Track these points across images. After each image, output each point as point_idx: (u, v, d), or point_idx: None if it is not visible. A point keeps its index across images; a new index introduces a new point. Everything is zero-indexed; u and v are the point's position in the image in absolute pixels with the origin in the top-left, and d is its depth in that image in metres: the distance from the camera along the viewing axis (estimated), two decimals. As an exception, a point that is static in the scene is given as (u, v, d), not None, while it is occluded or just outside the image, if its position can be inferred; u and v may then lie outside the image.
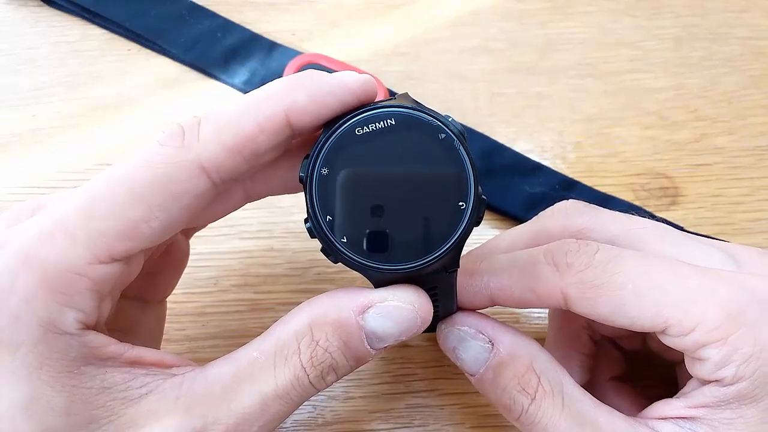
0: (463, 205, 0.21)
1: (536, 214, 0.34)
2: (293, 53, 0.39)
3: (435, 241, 0.21)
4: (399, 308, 0.21)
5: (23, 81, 0.38)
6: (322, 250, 0.21)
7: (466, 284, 0.24)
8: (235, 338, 0.31)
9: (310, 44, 0.40)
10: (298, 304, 0.22)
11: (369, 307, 0.21)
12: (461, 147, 0.21)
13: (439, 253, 0.21)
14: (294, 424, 0.29)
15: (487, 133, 0.37)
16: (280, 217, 0.34)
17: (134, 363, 0.20)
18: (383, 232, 0.21)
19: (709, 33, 0.41)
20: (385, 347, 0.21)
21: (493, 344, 0.23)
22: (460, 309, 0.24)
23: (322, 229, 0.20)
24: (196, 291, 0.32)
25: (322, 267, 0.33)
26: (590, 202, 0.34)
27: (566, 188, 0.35)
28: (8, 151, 0.35)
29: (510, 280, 0.23)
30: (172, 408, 0.19)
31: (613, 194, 0.35)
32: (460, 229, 0.21)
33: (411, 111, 0.21)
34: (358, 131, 0.21)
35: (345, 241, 0.20)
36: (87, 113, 0.37)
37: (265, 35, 0.40)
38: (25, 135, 0.36)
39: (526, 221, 0.34)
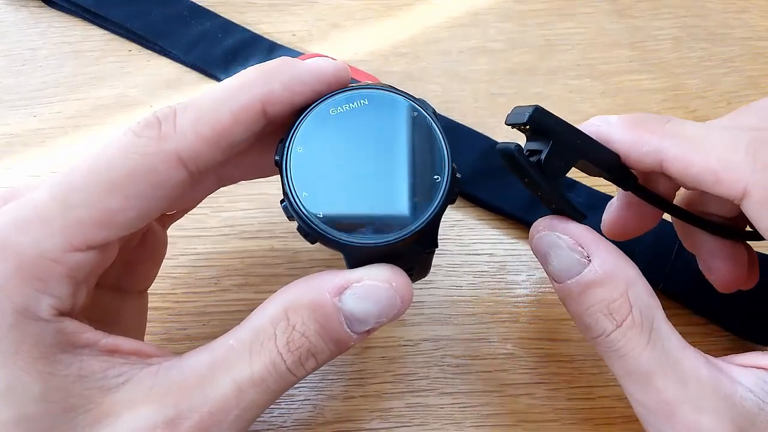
0: (438, 178, 0.21)
1: (536, 215, 0.34)
2: (294, 54, 0.39)
3: (412, 213, 0.20)
4: (376, 287, 0.20)
5: (24, 81, 0.38)
6: (299, 229, 0.21)
7: (639, 140, 0.22)
8: (235, 338, 0.31)
9: (311, 45, 0.40)
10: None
11: (345, 288, 0.20)
12: (434, 124, 0.21)
13: (417, 225, 0.20)
14: (294, 423, 0.29)
15: (487, 134, 0.37)
16: (281, 217, 0.34)
17: (111, 351, 0.20)
18: (361, 208, 0.20)
19: (708, 34, 0.42)
20: (368, 331, 0.21)
21: (590, 260, 0.21)
22: (564, 209, 0.23)
23: (298, 205, 0.20)
24: (197, 291, 0.32)
25: (322, 267, 0.33)
26: (589, 204, 0.35)
27: (566, 188, 0.35)
28: (9, 152, 0.36)
29: (694, 154, 0.21)
30: (147, 397, 0.19)
31: (613, 194, 0.35)
32: (437, 201, 0.21)
33: (384, 91, 0.21)
34: (332, 111, 0.21)
35: (321, 216, 0.20)
36: (88, 114, 0.37)
37: (266, 36, 0.40)
38: (26, 135, 0.36)
39: (526, 222, 0.34)
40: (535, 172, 0.21)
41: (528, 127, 0.22)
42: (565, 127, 0.22)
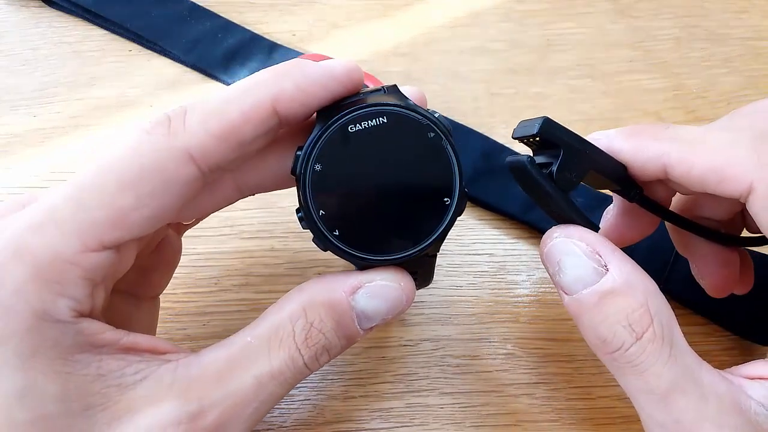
0: (448, 200, 0.22)
1: (535, 215, 0.34)
2: (294, 54, 0.39)
3: (421, 233, 0.22)
4: (387, 287, 0.22)
5: (24, 81, 0.38)
6: (314, 240, 0.22)
7: (640, 147, 0.23)
8: (235, 338, 0.31)
9: (311, 45, 0.40)
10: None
11: (359, 288, 0.22)
12: (449, 146, 0.22)
13: (425, 244, 0.22)
14: (294, 423, 0.29)
15: (486, 134, 0.37)
16: (281, 217, 0.34)
17: (129, 350, 0.20)
18: (374, 226, 0.22)
19: (708, 34, 0.42)
20: (372, 328, 0.22)
21: (607, 269, 0.21)
22: (577, 222, 0.22)
23: (315, 222, 0.21)
24: (197, 291, 0.32)
25: (322, 267, 0.33)
26: (589, 204, 0.35)
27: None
28: (9, 152, 0.36)
29: (696, 155, 0.21)
30: (167, 393, 0.19)
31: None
32: (445, 223, 0.22)
33: (402, 110, 0.22)
34: (350, 128, 0.21)
35: (337, 234, 0.21)
36: (88, 114, 0.37)
37: (266, 36, 0.40)
38: (26, 135, 0.36)
39: (526, 222, 0.34)
40: (548, 184, 0.22)
41: (537, 139, 0.22)
42: (574, 137, 0.22)
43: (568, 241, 0.22)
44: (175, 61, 0.39)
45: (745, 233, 0.28)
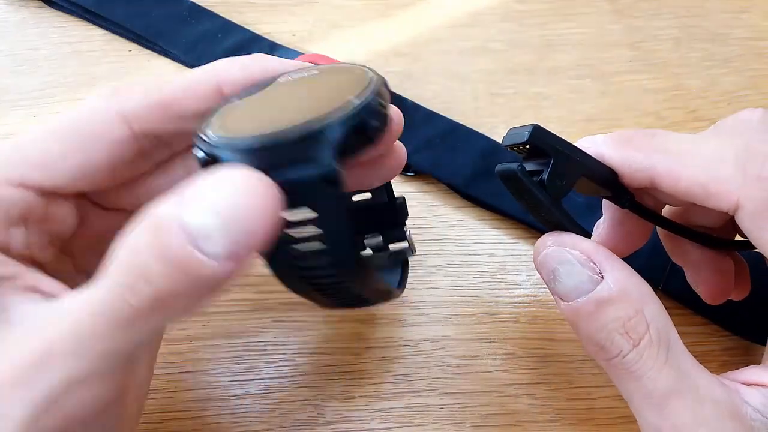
0: (352, 98, 0.18)
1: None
2: (294, 54, 0.39)
3: (307, 124, 0.16)
4: (214, 182, 0.15)
5: (24, 81, 0.38)
6: (199, 158, 0.18)
7: (628, 159, 0.22)
8: (236, 338, 0.31)
9: (311, 45, 0.40)
10: (298, 304, 0.22)
11: (185, 192, 0.15)
12: (370, 71, 0.20)
13: (304, 128, 0.16)
14: (294, 423, 0.29)
15: (487, 134, 0.37)
16: (281, 218, 0.34)
17: (30, 289, 0.19)
18: (261, 123, 0.17)
19: (708, 34, 0.42)
20: (239, 259, 0.15)
21: (602, 277, 0.21)
22: (569, 230, 0.22)
23: (202, 134, 0.18)
24: (197, 291, 0.32)
25: (322, 267, 0.33)
26: (589, 204, 0.35)
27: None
28: (10, 152, 0.36)
29: (682, 169, 0.21)
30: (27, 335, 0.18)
31: (612, 194, 0.35)
32: (342, 115, 0.17)
33: (342, 64, 0.22)
34: (281, 79, 0.21)
35: (219, 136, 0.17)
36: (88, 114, 0.37)
37: (266, 36, 0.40)
38: (27, 135, 0.36)
39: (526, 222, 0.34)
40: (539, 191, 0.21)
41: (527, 146, 0.21)
42: (565, 144, 0.22)
43: (561, 250, 0.22)
44: (175, 61, 0.39)
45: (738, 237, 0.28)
